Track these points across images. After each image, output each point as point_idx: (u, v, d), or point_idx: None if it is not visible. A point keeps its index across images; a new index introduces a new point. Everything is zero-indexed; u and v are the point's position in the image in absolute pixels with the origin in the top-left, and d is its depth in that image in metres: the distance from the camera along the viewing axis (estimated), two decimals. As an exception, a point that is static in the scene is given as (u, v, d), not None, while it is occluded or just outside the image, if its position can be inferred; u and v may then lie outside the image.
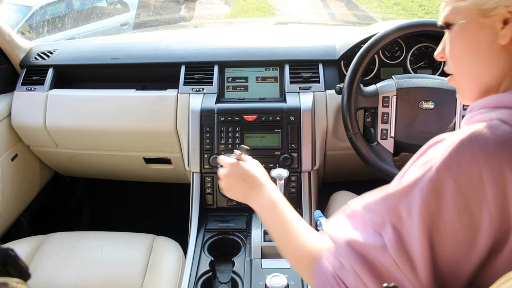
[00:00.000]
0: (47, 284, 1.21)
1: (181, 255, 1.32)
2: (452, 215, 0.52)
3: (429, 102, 1.24)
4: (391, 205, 0.58)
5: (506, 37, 0.55)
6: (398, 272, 0.56)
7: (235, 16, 7.57)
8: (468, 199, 0.51)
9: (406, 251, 0.55)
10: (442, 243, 0.54)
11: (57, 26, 4.53)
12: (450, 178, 0.51)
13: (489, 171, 0.50)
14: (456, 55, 0.63)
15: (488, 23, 0.56)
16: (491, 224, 0.51)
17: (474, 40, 0.59)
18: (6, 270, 0.46)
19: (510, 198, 0.50)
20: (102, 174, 1.85)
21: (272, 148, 1.35)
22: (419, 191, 0.54)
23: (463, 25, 0.59)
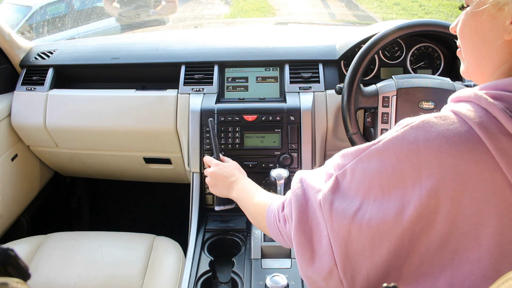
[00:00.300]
0: (47, 284, 1.21)
1: (181, 255, 1.32)
2: (389, 185, 0.57)
3: (429, 102, 1.24)
4: (342, 162, 0.65)
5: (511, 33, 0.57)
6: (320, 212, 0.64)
7: (235, 16, 7.57)
8: (404, 174, 0.56)
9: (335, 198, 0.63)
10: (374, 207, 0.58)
11: (57, 26, 4.53)
12: (393, 153, 0.57)
13: (427, 155, 0.54)
14: (464, 35, 0.66)
15: (498, 16, 0.58)
16: (418, 201, 0.54)
17: (482, 29, 0.61)
18: (6, 270, 0.46)
19: (442, 181, 0.53)
20: (102, 174, 1.85)
21: (272, 148, 1.35)
22: (366, 158, 0.61)
23: (477, 11, 0.61)
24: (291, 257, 1.12)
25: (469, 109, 0.55)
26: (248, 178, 1.12)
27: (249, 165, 1.34)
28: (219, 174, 1.13)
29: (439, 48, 1.49)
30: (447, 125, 0.54)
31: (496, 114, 0.52)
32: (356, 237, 0.60)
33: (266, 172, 1.31)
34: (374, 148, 0.60)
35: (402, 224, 0.56)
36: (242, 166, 1.34)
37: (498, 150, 0.51)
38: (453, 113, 0.56)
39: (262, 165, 1.35)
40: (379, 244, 0.58)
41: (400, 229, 0.56)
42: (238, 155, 1.35)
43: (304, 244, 0.66)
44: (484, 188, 0.52)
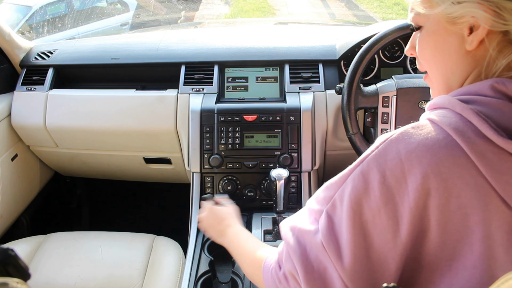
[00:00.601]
0: (47, 284, 1.21)
1: (181, 255, 1.32)
2: (379, 204, 0.56)
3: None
4: (328, 194, 0.63)
5: (473, 43, 0.58)
6: (325, 255, 0.60)
7: (235, 16, 7.57)
8: (392, 190, 0.55)
9: (335, 235, 0.60)
10: (370, 230, 0.58)
11: (57, 26, 4.53)
12: (377, 170, 0.56)
13: (409, 166, 0.54)
14: (426, 56, 0.66)
15: (455, 30, 0.59)
16: (410, 214, 0.54)
17: (442, 45, 0.62)
18: (6, 270, 0.46)
19: (428, 191, 0.53)
20: (102, 174, 1.85)
21: (272, 148, 1.35)
22: (350, 181, 0.59)
23: (432, 29, 0.62)
24: (291, 257, 1.12)
25: (445, 116, 0.55)
26: (241, 225, 1.02)
27: (249, 165, 1.35)
28: (209, 219, 1.06)
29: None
30: (425, 134, 0.55)
31: (471, 118, 0.53)
32: (366, 266, 0.58)
33: (266, 172, 1.31)
34: (358, 169, 0.59)
35: (401, 240, 0.56)
36: (242, 166, 1.34)
37: (476, 154, 0.51)
38: (430, 121, 0.57)
39: (262, 165, 1.35)
40: (386, 264, 0.57)
41: (401, 245, 0.56)
42: (238, 155, 1.35)
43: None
44: (467, 193, 0.52)
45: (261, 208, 1.34)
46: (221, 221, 1.02)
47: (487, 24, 0.55)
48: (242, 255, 0.90)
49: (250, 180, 1.36)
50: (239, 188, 1.36)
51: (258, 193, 1.36)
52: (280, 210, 1.13)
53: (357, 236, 0.58)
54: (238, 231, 0.98)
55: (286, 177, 1.14)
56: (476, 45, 0.58)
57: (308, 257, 0.62)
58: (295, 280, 0.65)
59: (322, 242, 0.60)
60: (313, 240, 0.62)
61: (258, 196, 1.36)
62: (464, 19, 0.57)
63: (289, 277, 0.67)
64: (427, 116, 0.58)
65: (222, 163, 1.34)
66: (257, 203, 1.36)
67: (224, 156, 1.35)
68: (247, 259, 0.87)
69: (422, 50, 0.66)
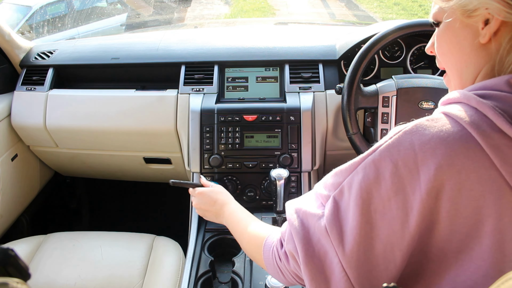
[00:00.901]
0: (47, 284, 1.21)
1: (181, 255, 1.32)
2: (389, 194, 0.56)
3: (429, 102, 1.24)
4: (337, 180, 0.63)
5: (486, 36, 0.59)
6: (327, 239, 0.61)
7: (235, 16, 7.57)
8: (403, 180, 0.55)
9: (339, 221, 0.60)
10: (378, 220, 0.57)
11: (57, 26, 4.53)
12: (390, 161, 0.56)
13: (423, 157, 0.54)
14: (442, 51, 0.67)
15: (470, 23, 0.60)
16: (421, 204, 0.54)
17: (457, 38, 0.63)
18: (6, 270, 0.46)
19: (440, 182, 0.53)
20: (102, 174, 1.85)
21: (272, 148, 1.35)
22: (361, 169, 0.59)
23: (449, 23, 0.63)
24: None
25: (460, 110, 0.56)
26: (235, 202, 1.04)
27: (249, 165, 1.35)
28: (202, 204, 1.08)
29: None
30: (439, 127, 0.55)
31: (486, 112, 0.53)
32: (369, 256, 0.58)
33: (266, 172, 1.31)
34: (370, 158, 0.59)
35: (410, 231, 0.56)
36: (242, 166, 1.34)
37: (491, 147, 0.51)
38: (444, 114, 0.57)
39: (262, 165, 1.35)
40: (392, 256, 0.57)
41: (409, 236, 0.56)
42: (238, 155, 1.35)
43: (317, 276, 0.62)
44: (481, 186, 0.52)
45: (261, 208, 1.34)
46: (215, 203, 1.04)
47: (500, 15, 0.56)
48: (241, 233, 0.91)
49: (250, 180, 1.36)
50: (239, 188, 1.36)
51: (258, 193, 1.36)
52: (280, 210, 1.13)
53: (363, 224, 0.58)
54: (234, 209, 1.00)
55: (286, 177, 1.14)
56: (489, 38, 0.58)
57: (310, 239, 0.63)
58: (294, 261, 0.67)
59: (326, 227, 0.61)
60: (317, 223, 0.62)
61: (258, 196, 1.36)
62: (479, 12, 0.58)
63: (290, 256, 0.68)
64: (442, 110, 0.58)
65: (222, 163, 1.35)
66: (257, 203, 1.36)
67: (224, 156, 1.35)
68: (247, 236, 0.88)
69: (439, 44, 0.67)
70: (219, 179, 1.36)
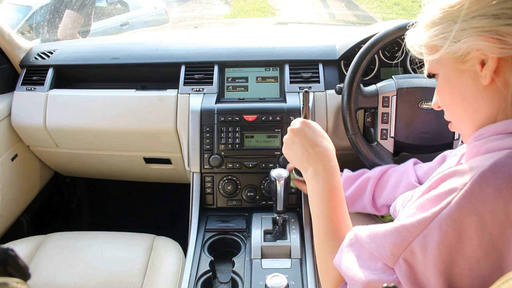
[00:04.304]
0: (47, 284, 1.21)
1: (181, 255, 1.32)
2: (477, 254, 0.49)
3: (429, 102, 1.24)
4: (403, 239, 0.55)
5: (487, 77, 0.55)
6: None
7: (235, 16, 7.57)
8: (494, 237, 0.48)
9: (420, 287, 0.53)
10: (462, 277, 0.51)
11: (57, 26, 4.53)
12: (472, 214, 0.48)
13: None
14: (446, 102, 0.63)
15: (467, 68, 0.57)
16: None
17: (458, 86, 0.59)
18: (6, 270, 0.46)
19: None
20: (102, 174, 1.85)
21: (272, 148, 1.35)
22: (436, 228, 0.51)
23: (445, 74, 0.60)
24: (291, 257, 1.12)
25: None
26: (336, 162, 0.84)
27: (249, 165, 1.34)
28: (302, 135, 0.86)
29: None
30: None
31: None
32: None
33: (266, 172, 1.31)
34: (446, 213, 0.50)
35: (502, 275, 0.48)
36: (242, 166, 1.34)
37: None
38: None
39: (262, 165, 1.35)
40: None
41: None
42: (238, 155, 1.35)
43: None
44: None
45: (261, 208, 1.34)
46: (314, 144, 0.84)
47: (495, 53, 0.53)
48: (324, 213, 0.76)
49: (250, 180, 1.36)
50: (239, 188, 1.36)
51: (258, 193, 1.36)
52: (280, 210, 1.13)
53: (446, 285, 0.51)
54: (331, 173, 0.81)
55: (286, 177, 1.14)
56: (491, 78, 0.55)
57: None
58: None
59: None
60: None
61: (258, 196, 1.36)
62: (471, 55, 0.55)
63: None
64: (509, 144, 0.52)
65: (222, 163, 1.35)
66: (257, 203, 1.36)
67: (224, 156, 1.35)
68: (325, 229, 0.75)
69: (441, 97, 0.63)
70: None
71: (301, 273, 1.08)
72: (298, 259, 1.11)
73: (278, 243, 1.15)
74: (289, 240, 1.16)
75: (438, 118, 1.24)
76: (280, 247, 1.14)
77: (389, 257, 0.56)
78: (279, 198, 1.12)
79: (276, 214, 1.17)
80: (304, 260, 1.12)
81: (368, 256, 0.60)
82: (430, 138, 1.24)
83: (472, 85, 0.57)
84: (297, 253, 1.13)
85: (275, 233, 1.19)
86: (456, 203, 0.49)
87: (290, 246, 1.14)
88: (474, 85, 0.57)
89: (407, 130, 1.25)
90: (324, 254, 0.76)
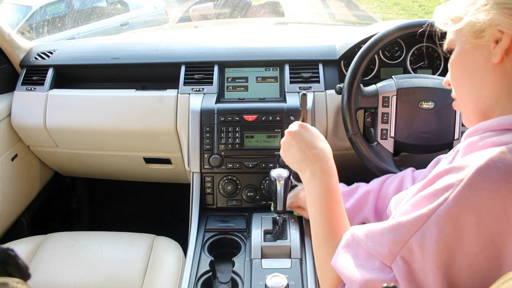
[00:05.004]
0: (47, 284, 1.21)
1: (181, 255, 1.32)
2: (476, 249, 0.49)
3: (429, 102, 1.24)
4: (400, 237, 0.55)
5: (497, 54, 0.56)
6: None
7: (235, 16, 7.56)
8: (492, 231, 0.48)
9: (418, 285, 0.53)
10: (461, 273, 0.51)
11: (57, 26, 4.53)
12: (469, 209, 0.49)
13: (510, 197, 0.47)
14: (455, 77, 0.64)
15: (481, 44, 0.57)
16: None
17: (469, 61, 0.60)
18: (6, 270, 0.46)
19: None
20: (102, 174, 1.85)
21: (272, 148, 1.35)
22: (434, 224, 0.51)
23: (460, 47, 0.61)
24: (291, 257, 1.12)
25: None
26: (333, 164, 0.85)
27: (249, 165, 1.34)
28: (299, 137, 0.88)
29: (439, 48, 1.49)
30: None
31: None
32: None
33: (266, 172, 1.31)
34: (443, 209, 0.50)
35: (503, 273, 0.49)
36: (242, 166, 1.34)
37: None
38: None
39: (262, 165, 1.35)
40: None
41: None
42: (238, 155, 1.35)
43: None
44: None
45: (261, 208, 1.34)
46: (311, 146, 0.87)
47: (510, 30, 0.53)
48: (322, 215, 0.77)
49: (250, 180, 1.36)
50: (239, 188, 1.36)
51: (258, 193, 1.36)
52: (280, 210, 1.13)
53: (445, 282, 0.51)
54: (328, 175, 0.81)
55: (286, 177, 1.14)
56: (501, 57, 0.55)
57: None
58: None
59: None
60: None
61: (258, 196, 1.36)
62: (488, 31, 0.55)
63: None
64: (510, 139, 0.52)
65: (222, 163, 1.35)
66: (257, 203, 1.36)
67: (224, 156, 1.35)
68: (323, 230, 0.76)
69: (452, 70, 0.64)
70: None
71: (301, 273, 1.08)
72: (298, 259, 1.11)
73: (278, 243, 1.15)
74: (289, 240, 1.16)
75: (438, 118, 1.24)
76: (280, 247, 1.14)
77: (386, 255, 0.56)
78: (279, 198, 1.12)
79: (276, 214, 1.17)
80: (304, 260, 1.12)
81: (365, 255, 0.61)
82: (430, 138, 1.24)
83: (482, 62, 0.58)
84: (297, 253, 1.13)
85: (275, 233, 1.19)
86: (453, 198, 0.50)
87: (290, 246, 1.14)
88: (485, 62, 0.57)
89: (407, 130, 1.25)
90: (322, 255, 0.76)
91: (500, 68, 0.57)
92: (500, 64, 0.56)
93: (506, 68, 0.56)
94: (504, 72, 0.56)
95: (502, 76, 0.57)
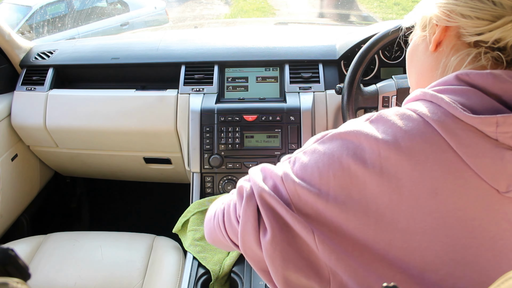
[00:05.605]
0: (47, 284, 1.21)
1: (181, 255, 1.32)
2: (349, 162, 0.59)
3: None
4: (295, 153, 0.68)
5: (432, 44, 0.66)
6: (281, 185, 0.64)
7: (235, 16, 7.57)
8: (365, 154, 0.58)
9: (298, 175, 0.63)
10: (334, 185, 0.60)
11: (57, 26, 4.53)
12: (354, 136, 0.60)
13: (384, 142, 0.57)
14: (407, 66, 0.75)
15: (425, 35, 0.68)
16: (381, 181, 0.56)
17: (415, 50, 0.71)
18: (6, 270, 0.46)
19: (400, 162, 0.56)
20: (102, 174, 1.85)
21: (272, 148, 1.35)
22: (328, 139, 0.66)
23: (413, 39, 0.72)
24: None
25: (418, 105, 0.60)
26: None
27: (249, 165, 1.35)
28: None
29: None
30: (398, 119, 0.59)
31: (440, 102, 0.58)
32: None
33: (266, 172, 1.31)
34: (336, 131, 0.64)
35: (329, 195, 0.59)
36: (242, 166, 1.34)
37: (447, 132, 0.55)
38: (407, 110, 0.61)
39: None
40: None
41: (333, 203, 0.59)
42: (238, 155, 1.35)
43: None
44: (439, 167, 0.55)
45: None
46: None
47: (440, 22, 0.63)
48: None
49: (250, 180, 1.36)
50: (239, 188, 1.36)
51: (258, 193, 1.35)
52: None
53: None
54: None
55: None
56: (435, 46, 0.65)
57: None
58: None
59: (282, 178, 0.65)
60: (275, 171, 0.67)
61: (258, 196, 1.35)
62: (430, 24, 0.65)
63: None
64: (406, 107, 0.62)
65: (222, 163, 1.35)
66: (257, 203, 1.35)
67: (224, 156, 1.35)
68: None
69: (407, 57, 0.75)
70: None
71: (301, 273, 1.08)
72: (298, 259, 1.11)
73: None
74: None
75: (438, 118, 1.23)
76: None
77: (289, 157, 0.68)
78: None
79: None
80: (304, 260, 1.12)
81: None
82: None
83: (423, 51, 0.69)
84: (297, 253, 1.12)
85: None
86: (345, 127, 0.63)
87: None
88: (425, 50, 0.68)
89: (407, 130, 1.25)
90: None
91: (436, 56, 0.67)
92: (435, 53, 0.67)
93: (439, 55, 0.66)
94: (437, 59, 0.66)
95: (436, 63, 0.67)
